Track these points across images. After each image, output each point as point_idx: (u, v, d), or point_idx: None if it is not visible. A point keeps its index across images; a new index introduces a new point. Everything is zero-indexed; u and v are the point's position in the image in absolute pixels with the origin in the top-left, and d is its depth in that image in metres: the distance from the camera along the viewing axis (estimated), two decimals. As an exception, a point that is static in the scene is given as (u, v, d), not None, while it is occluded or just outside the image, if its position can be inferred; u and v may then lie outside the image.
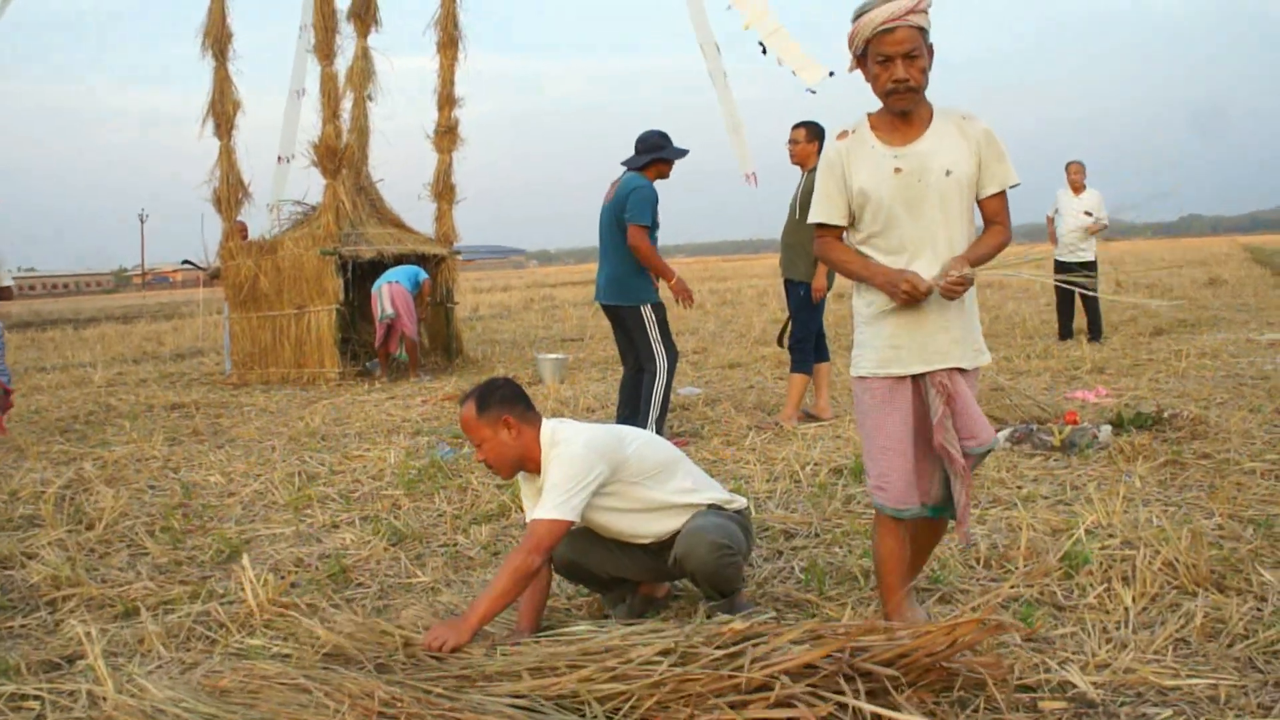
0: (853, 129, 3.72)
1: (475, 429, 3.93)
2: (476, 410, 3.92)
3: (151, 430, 9.44)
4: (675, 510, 4.04)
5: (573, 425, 4.04)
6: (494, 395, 3.94)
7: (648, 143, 7.61)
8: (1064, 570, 4.37)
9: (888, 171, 3.61)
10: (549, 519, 3.76)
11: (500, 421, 3.90)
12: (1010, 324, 15.88)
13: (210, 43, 13.77)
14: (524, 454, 3.96)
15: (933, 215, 3.62)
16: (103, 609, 4.63)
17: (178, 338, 23.30)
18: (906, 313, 3.63)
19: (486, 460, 3.97)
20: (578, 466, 3.81)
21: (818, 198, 3.76)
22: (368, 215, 14.25)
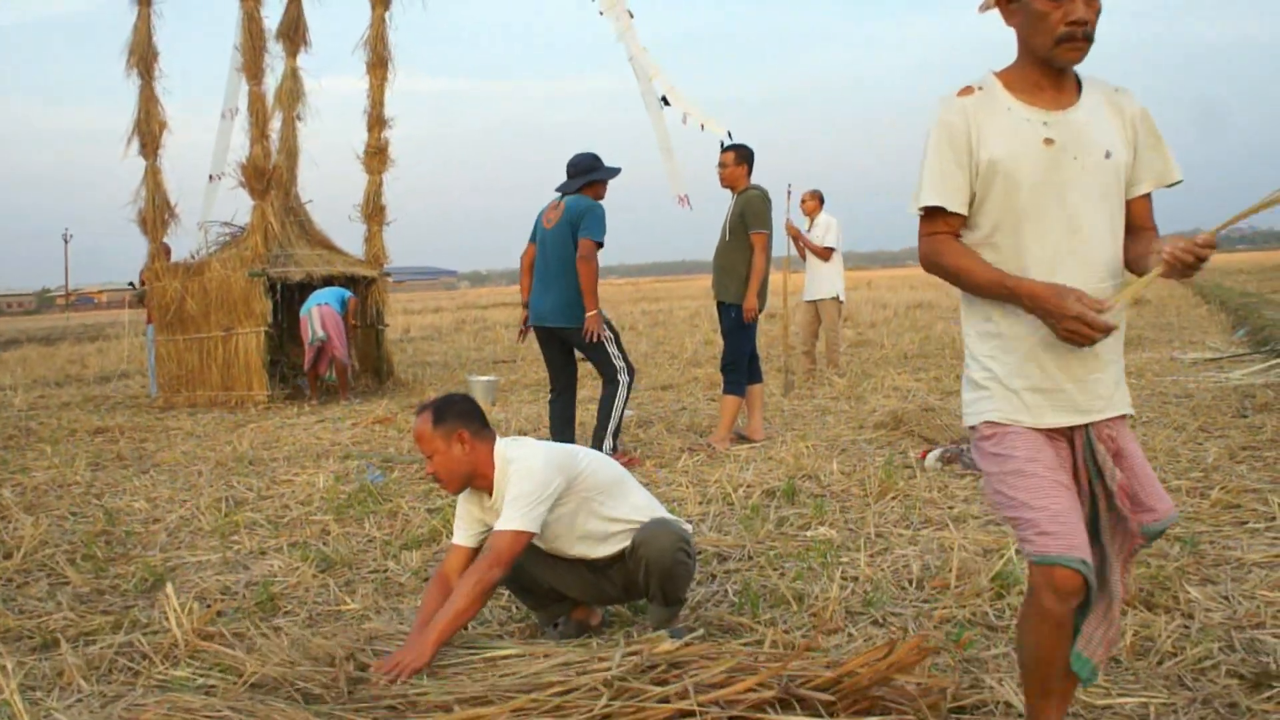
0: (978, 85, 2.84)
1: (428, 441, 3.90)
2: (432, 423, 3.89)
3: (74, 455, 9.25)
4: (627, 527, 4.07)
5: (528, 442, 4.06)
6: (450, 409, 3.93)
7: (579, 166, 7.68)
8: (995, 590, 4.39)
9: (1033, 141, 2.74)
10: (512, 531, 3.77)
11: (454, 436, 3.88)
12: (940, 344, 16.03)
13: (135, 61, 13.57)
14: (474, 470, 3.94)
15: (1087, 210, 2.77)
16: (20, 641, 4.51)
17: (102, 360, 22.89)
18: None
19: (436, 473, 3.94)
20: (537, 479, 3.83)
21: (930, 175, 2.82)
22: (296, 236, 14.11)
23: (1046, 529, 2.67)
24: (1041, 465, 2.74)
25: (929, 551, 5.08)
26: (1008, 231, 2.78)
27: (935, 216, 2.84)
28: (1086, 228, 2.76)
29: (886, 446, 7.83)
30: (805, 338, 12.82)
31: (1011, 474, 2.76)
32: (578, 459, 4.08)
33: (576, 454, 4.13)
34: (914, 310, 25.66)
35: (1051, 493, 2.72)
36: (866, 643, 3.96)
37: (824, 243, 12.29)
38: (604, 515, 4.05)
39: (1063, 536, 2.66)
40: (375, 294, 14.77)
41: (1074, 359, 2.76)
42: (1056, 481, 2.73)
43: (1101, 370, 2.81)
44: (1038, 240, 2.75)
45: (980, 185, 2.78)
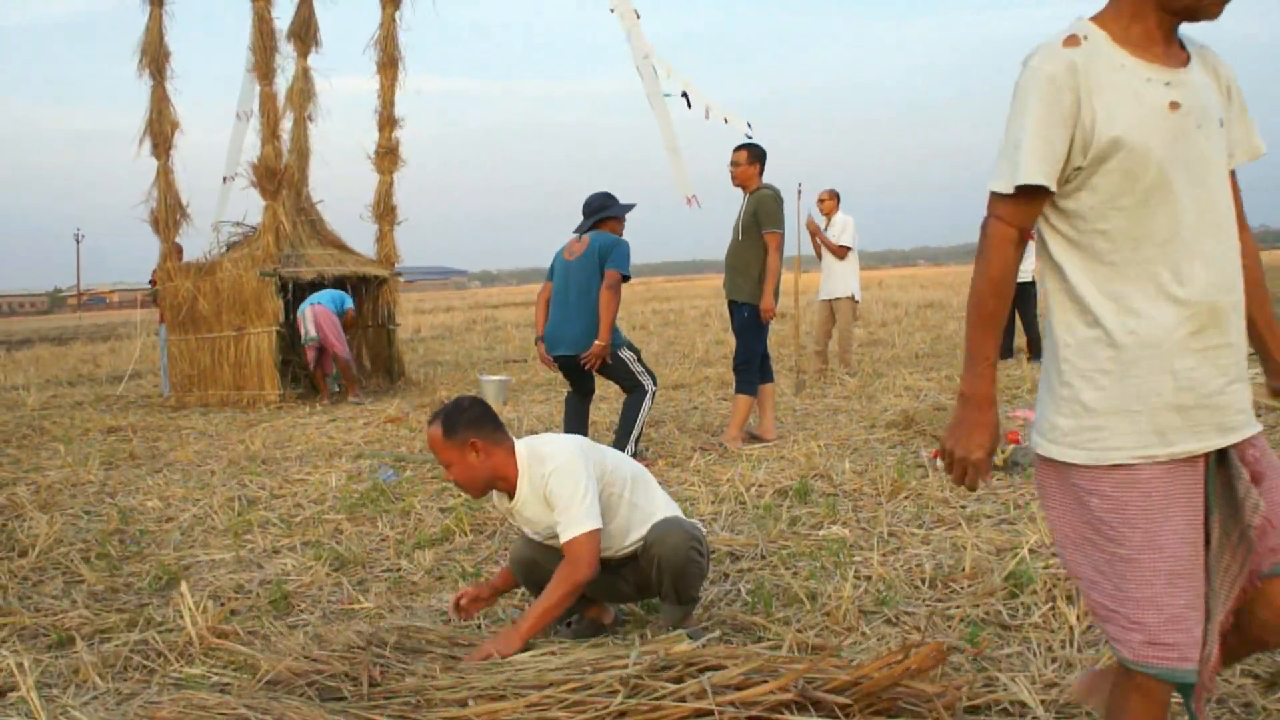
0: (1082, 34, 2.28)
1: (443, 451, 3.91)
2: (443, 434, 3.89)
3: (87, 454, 9.29)
4: (646, 523, 4.08)
5: (550, 440, 4.07)
6: (460, 418, 3.91)
7: (592, 206, 7.88)
8: (1009, 589, 4.38)
9: (1158, 107, 2.23)
10: (582, 534, 3.80)
11: (468, 445, 3.88)
12: (951, 344, 16.01)
13: (148, 62, 13.60)
14: (494, 474, 3.95)
15: (1219, 189, 2.30)
16: (36, 639, 4.53)
17: (114, 359, 22.97)
18: (1203, 338, 2.25)
19: (456, 481, 3.96)
20: (578, 474, 3.86)
21: (1032, 145, 2.26)
22: (308, 236, 14.15)
23: (1160, 638, 2.18)
24: (1170, 536, 2.20)
25: (942, 550, 5.07)
26: (1127, 217, 2.24)
27: (1020, 199, 2.30)
28: (1219, 211, 2.28)
29: (898, 446, 7.82)
30: (819, 336, 12.83)
31: (1134, 541, 2.21)
32: (603, 451, 4.13)
33: (599, 447, 4.16)
34: (925, 310, 25.62)
35: (1175, 585, 2.19)
36: (880, 642, 3.96)
37: (840, 241, 12.33)
38: (630, 506, 4.06)
39: (1180, 647, 2.18)
40: (387, 294, 14.80)
41: (1217, 364, 2.25)
42: (1182, 561, 2.20)
43: (1242, 376, 2.30)
44: (1164, 228, 2.23)
45: (1091, 160, 2.24)
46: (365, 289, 15.03)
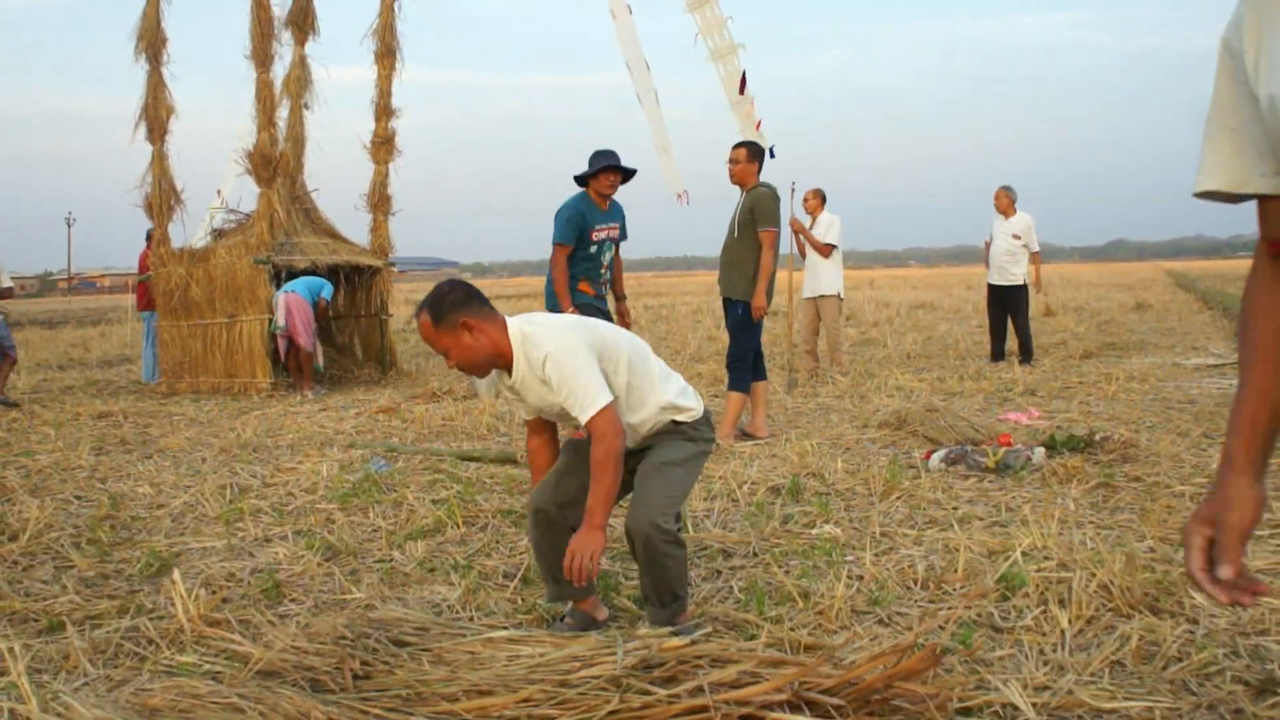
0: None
1: (437, 339, 3.85)
2: (433, 322, 3.82)
3: (78, 439, 9.27)
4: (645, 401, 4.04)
5: (542, 320, 4.00)
6: (446, 301, 3.84)
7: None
8: (1000, 592, 4.39)
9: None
10: (596, 411, 3.73)
11: (460, 326, 3.81)
12: (943, 345, 16.04)
13: (144, 46, 13.56)
14: (494, 351, 3.88)
15: None
16: (26, 623, 4.52)
17: (104, 344, 22.91)
18: None
19: (458, 365, 3.90)
20: (576, 354, 3.79)
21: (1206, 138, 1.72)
22: (302, 224, 14.12)
23: None
24: None
25: (934, 552, 5.08)
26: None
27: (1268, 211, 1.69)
28: None
29: (890, 446, 7.83)
30: (807, 336, 12.84)
31: None
32: (594, 327, 4.03)
33: (589, 323, 4.07)
34: (916, 310, 25.67)
35: None
36: (873, 642, 3.96)
37: (826, 240, 12.35)
38: (627, 388, 3.99)
39: None
40: (380, 284, 14.79)
41: None
42: None
43: None
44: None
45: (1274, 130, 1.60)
46: (358, 279, 15.02)
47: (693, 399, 4.19)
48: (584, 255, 7.86)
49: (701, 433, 4.17)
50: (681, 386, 4.19)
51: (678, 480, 4.03)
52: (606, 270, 7.96)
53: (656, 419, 4.08)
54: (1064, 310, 23.31)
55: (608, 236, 7.86)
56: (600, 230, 7.83)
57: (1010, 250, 13.13)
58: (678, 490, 4.02)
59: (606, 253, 7.89)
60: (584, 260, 7.87)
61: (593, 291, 7.90)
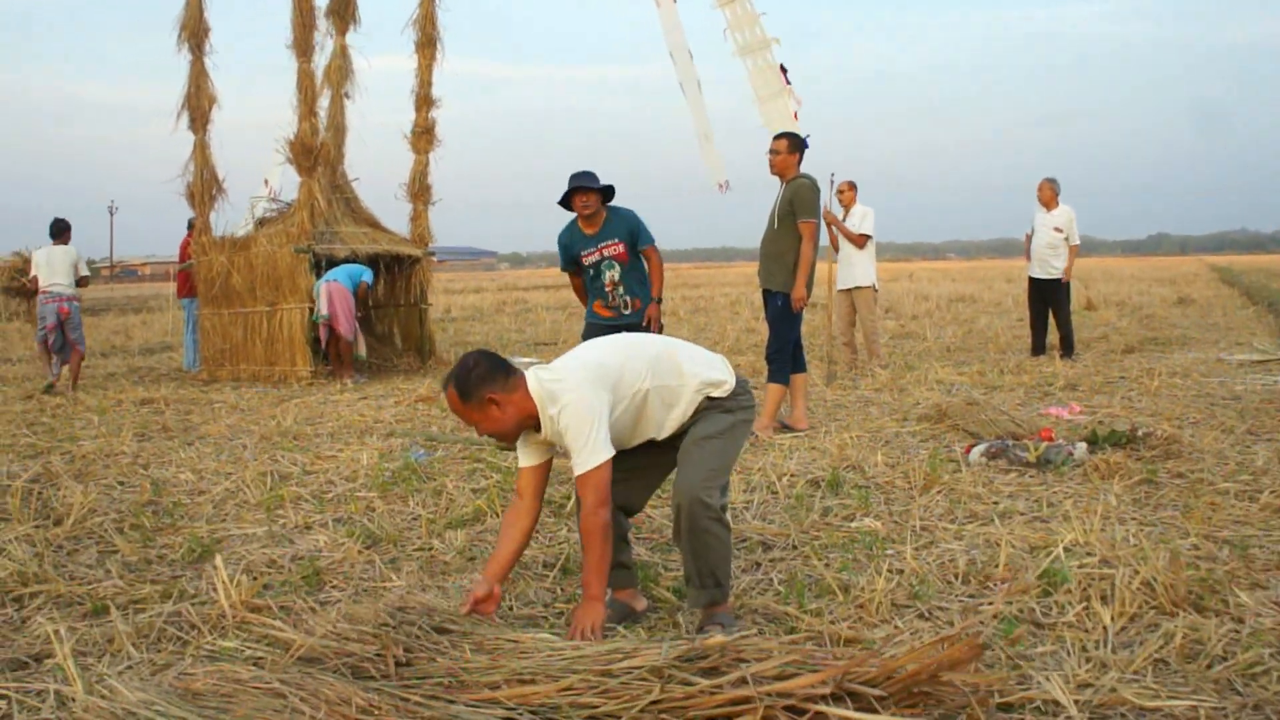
0: None
1: (465, 414, 3.89)
2: (460, 400, 3.86)
3: (120, 425, 9.35)
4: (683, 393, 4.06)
5: (559, 371, 3.98)
6: (471, 378, 3.86)
7: None
8: (1042, 588, 4.36)
9: None
10: (591, 468, 3.77)
11: (486, 402, 3.84)
12: (983, 338, 15.95)
13: (187, 36, 13.65)
14: (520, 418, 3.90)
15: None
16: (71, 607, 4.56)
17: (146, 331, 23.11)
18: None
19: (486, 433, 3.94)
20: (584, 410, 3.80)
21: None
22: (342, 214, 14.19)
23: None
24: None
25: (975, 546, 5.05)
26: None
27: None
28: None
29: (930, 439, 7.79)
30: (844, 328, 12.80)
31: None
32: (608, 365, 3.98)
33: (605, 361, 4.01)
34: (956, 303, 25.53)
35: None
36: (913, 636, 3.94)
37: (861, 231, 12.33)
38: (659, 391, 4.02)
39: None
40: (419, 273, 14.83)
41: None
42: None
43: None
44: None
45: None
46: (398, 268, 15.08)
47: (724, 370, 4.18)
48: (588, 279, 7.85)
49: (739, 401, 4.15)
50: (710, 360, 4.20)
51: (717, 452, 4.03)
52: (619, 287, 7.75)
53: (692, 401, 4.08)
54: (1106, 304, 23.12)
55: (602, 257, 7.68)
56: (590, 254, 7.68)
57: (1052, 243, 13.03)
58: (718, 463, 4.02)
59: (607, 272, 7.70)
60: (592, 282, 7.83)
61: (608, 312, 7.79)
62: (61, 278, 12.58)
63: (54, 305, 12.50)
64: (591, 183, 7.53)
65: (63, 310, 12.50)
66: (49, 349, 12.63)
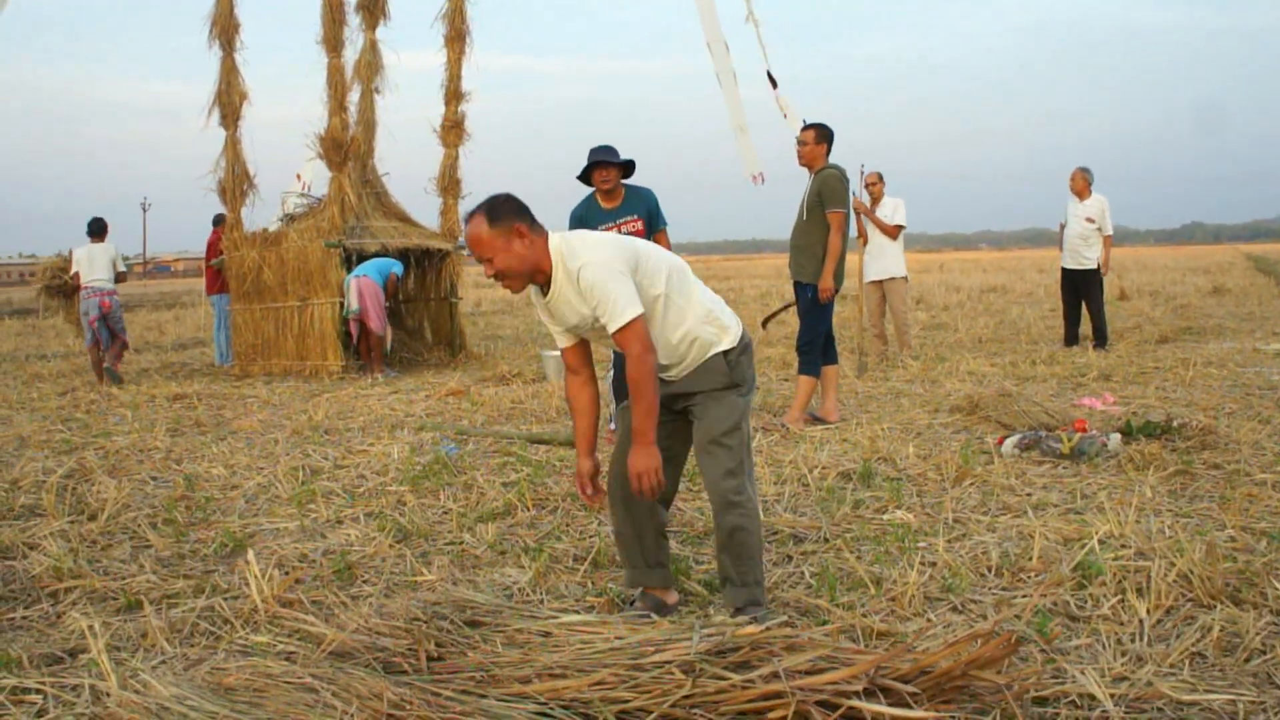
0: None
1: (488, 242, 3.80)
2: (488, 222, 3.80)
3: (153, 421, 9.41)
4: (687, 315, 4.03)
5: (584, 234, 4.01)
6: (503, 207, 3.83)
7: None
8: (1077, 580, 4.32)
9: None
10: (625, 322, 3.75)
11: (513, 231, 3.80)
12: (1015, 329, 15.85)
13: (218, 33, 13.71)
14: (537, 264, 3.86)
15: None
16: (105, 602, 4.59)
17: (179, 327, 23.25)
18: None
19: (501, 271, 3.84)
20: (611, 265, 3.80)
21: None
22: (373, 208, 14.23)
23: None
24: None
25: (1008, 539, 5.01)
26: None
27: None
28: None
29: (963, 431, 7.75)
30: (875, 319, 12.75)
31: None
32: (627, 245, 3.98)
33: (625, 242, 4.02)
34: (987, 294, 25.39)
35: None
36: (946, 629, 3.92)
37: (892, 221, 12.30)
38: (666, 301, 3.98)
39: None
40: (449, 267, 14.85)
41: None
42: None
43: None
44: None
45: None
46: (428, 262, 15.10)
47: (731, 317, 4.16)
48: None
49: (744, 374, 4.12)
50: (716, 298, 4.20)
51: (731, 452, 4.02)
52: None
53: (698, 333, 4.03)
54: (1139, 294, 22.95)
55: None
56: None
57: (1084, 233, 12.94)
58: (734, 461, 4.02)
59: None
60: None
61: None
62: (102, 273, 13.12)
63: (96, 299, 13.00)
64: (612, 157, 7.55)
65: (104, 304, 13.02)
66: (99, 347, 13.16)
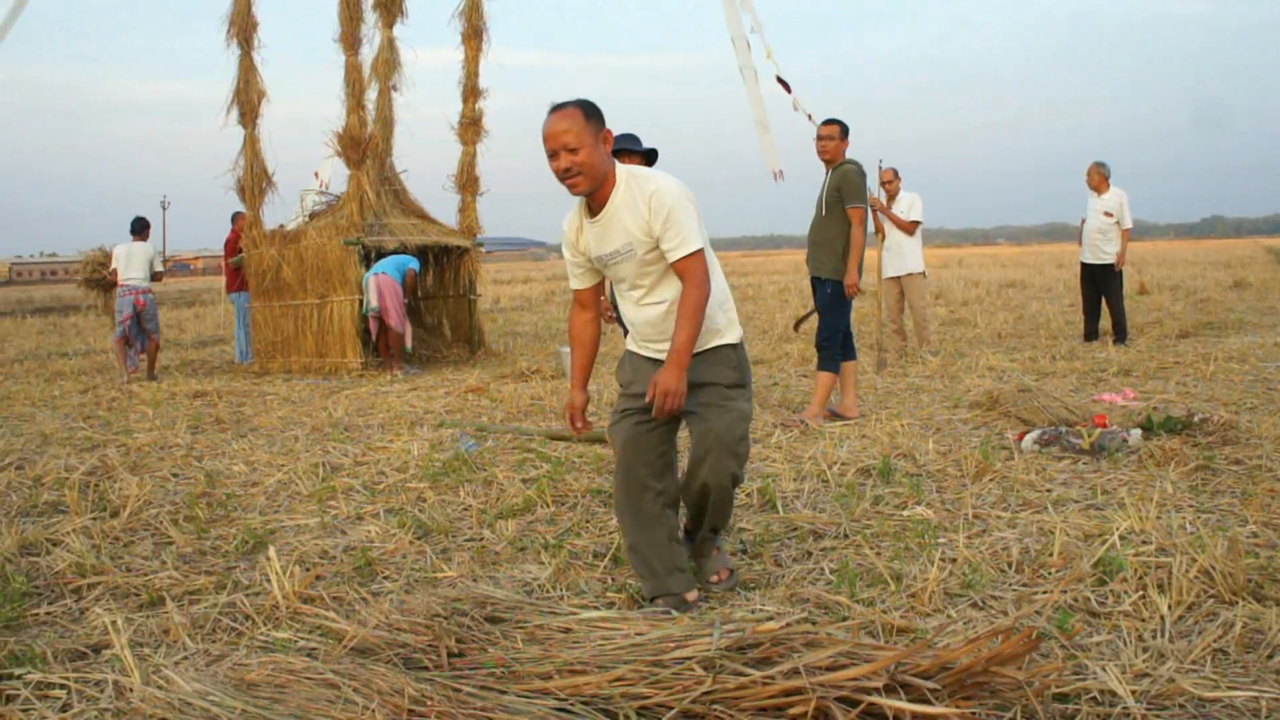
0: None
1: (578, 133, 3.85)
2: (584, 115, 3.88)
3: (174, 418, 9.45)
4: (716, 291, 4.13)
5: (649, 169, 4.17)
6: (595, 108, 3.94)
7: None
8: (1098, 576, 4.31)
9: None
10: (693, 249, 3.91)
11: (601, 133, 3.91)
12: (1034, 324, 15.80)
13: (235, 32, 13.76)
14: (605, 174, 3.96)
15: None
16: (128, 598, 4.62)
17: (199, 325, 23.35)
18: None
19: (580, 165, 3.88)
20: (682, 194, 3.95)
21: None
22: (391, 206, 14.27)
23: None
24: None
25: (1029, 534, 5.00)
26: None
27: None
28: None
29: (982, 427, 7.73)
30: (894, 314, 12.74)
31: None
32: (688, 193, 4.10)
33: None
34: (1006, 289, 25.32)
35: None
36: (966, 626, 3.91)
37: (910, 217, 12.31)
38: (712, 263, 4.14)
39: None
40: (468, 264, 14.89)
41: None
42: None
43: None
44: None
45: None
46: (447, 259, 15.14)
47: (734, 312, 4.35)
48: None
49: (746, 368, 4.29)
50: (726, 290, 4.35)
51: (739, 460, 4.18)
52: None
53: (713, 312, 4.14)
54: (1159, 288, 22.85)
55: None
56: None
57: (1102, 228, 12.89)
58: (740, 468, 4.19)
59: None
60: None
61: None
62: (137, 271, 13.43)
63: (130, 298, 13.32)
64: (635, 145, 7.54)
65: (139, 302, 13.34)
66: (127, 343, 13.41)
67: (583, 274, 4.29)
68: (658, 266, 4.07)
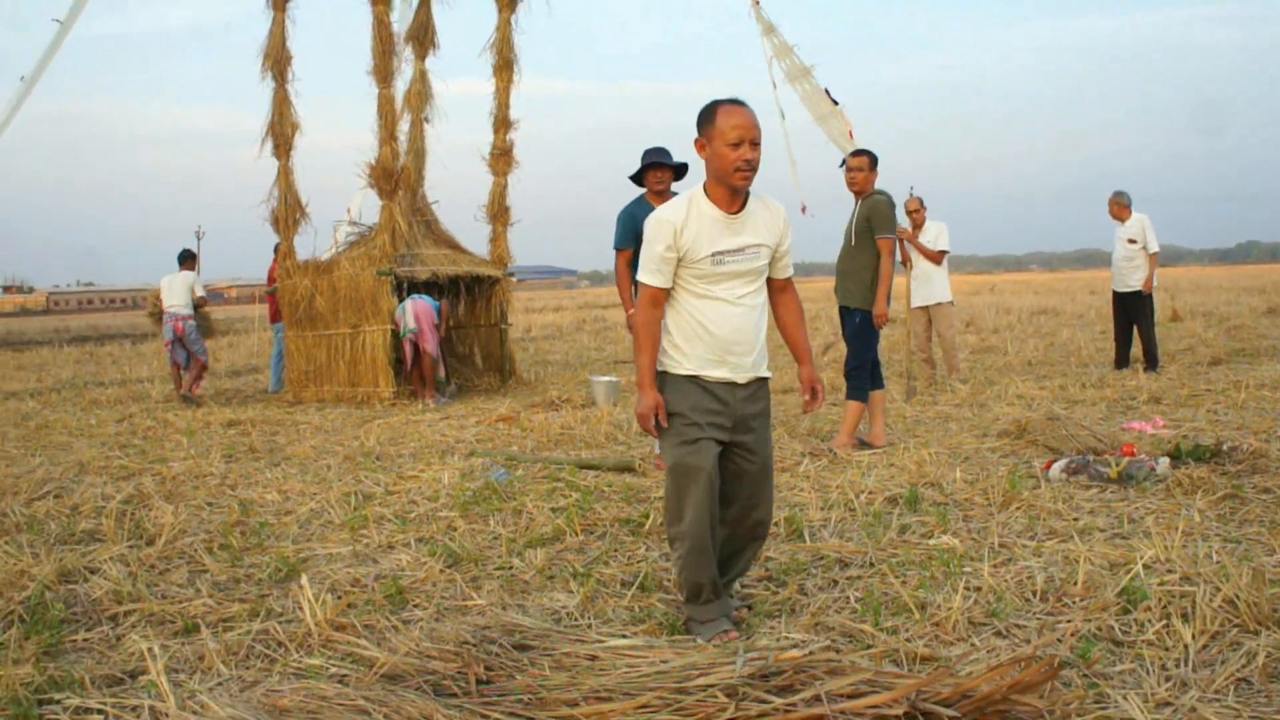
0: None
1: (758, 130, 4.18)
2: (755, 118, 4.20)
3: (209, 447, 9.56)
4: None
5: None
6: None
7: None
8: (1122, 605, 4.33)
9: None
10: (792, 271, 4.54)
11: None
12: (1065, 351, 15.77)
13: (270, 65, 13.95)
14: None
15: None
16: (163, 625, 4.70)
17: (233, 354, 23.55)
18: None
19: (755, 161, 4.15)
20: None
21: None
22: (423, 236, 14.39)
23: None
24: None
25: (1054, 563, 5.02)
26: None
27: None
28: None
29: (1010, 455, 7.74)
30: (921, 343, 12.76)
31: None
32: None
33: None
34: (1038, 316, 25.25)
35: None
36: (990, 654, 3.93)
37: (937, 246, 12.35)
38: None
39: None
40: (499, 293, 14.99)
41: None
42: None
43: None
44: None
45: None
46: (478, 289, 15.24)
47: None
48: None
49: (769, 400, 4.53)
50: None
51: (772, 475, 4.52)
52: None
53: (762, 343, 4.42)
54: (1192, 315, 22.73)
55: None
56: None
57: (1128, 255, 12.86)
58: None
59: None
60: None
61: None
62: (178, 299, 14.20)
63: (170, 324, 14.08)
64: (667, 159, 7.63)
65: (178, 328, 14.07)
66: (177, 366, 14.37)
67: (670, 271, 4.33)
68: (763, 274, 4.39)
